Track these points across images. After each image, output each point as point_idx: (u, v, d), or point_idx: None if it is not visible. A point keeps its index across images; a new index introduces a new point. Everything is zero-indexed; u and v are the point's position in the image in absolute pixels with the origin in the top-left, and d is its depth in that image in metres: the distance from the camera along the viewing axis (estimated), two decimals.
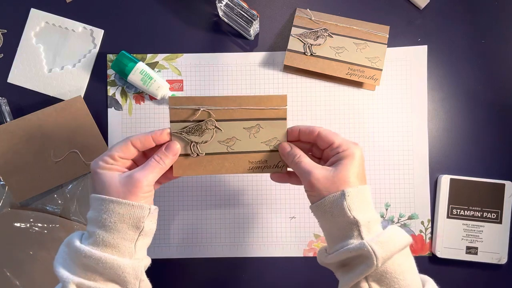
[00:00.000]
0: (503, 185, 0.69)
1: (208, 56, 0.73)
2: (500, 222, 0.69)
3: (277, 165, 0.52)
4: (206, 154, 0.51)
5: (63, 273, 0.43)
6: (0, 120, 0.70)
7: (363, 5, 0.73)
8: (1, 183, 0.70)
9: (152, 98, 0.72)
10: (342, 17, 0.71)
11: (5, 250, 0.69)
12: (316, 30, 0.70)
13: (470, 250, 0.69)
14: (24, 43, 0.72)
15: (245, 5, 0.66)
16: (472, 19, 0.72)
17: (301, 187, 0.50)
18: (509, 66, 0.72)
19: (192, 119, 0.50)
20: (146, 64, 0.72)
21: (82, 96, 0.72)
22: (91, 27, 0.73)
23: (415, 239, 0.71)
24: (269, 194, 0.72)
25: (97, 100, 0.72)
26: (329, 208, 0.45)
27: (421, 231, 0.71)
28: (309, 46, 0.70)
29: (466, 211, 0.69)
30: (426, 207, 0.71)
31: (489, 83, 0.72)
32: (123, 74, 0.70)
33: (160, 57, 0.73)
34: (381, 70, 0.70)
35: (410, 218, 0.71)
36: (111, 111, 0.72)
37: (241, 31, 0.72)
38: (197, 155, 0.51)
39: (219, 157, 0.51)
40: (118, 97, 0.72)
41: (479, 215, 0.69)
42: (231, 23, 0.71)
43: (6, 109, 0.70)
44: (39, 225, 0.69)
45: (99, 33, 0.73)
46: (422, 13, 0.73)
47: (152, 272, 0.48)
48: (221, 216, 0.72)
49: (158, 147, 0.49)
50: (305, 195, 0.49)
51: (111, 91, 0.72)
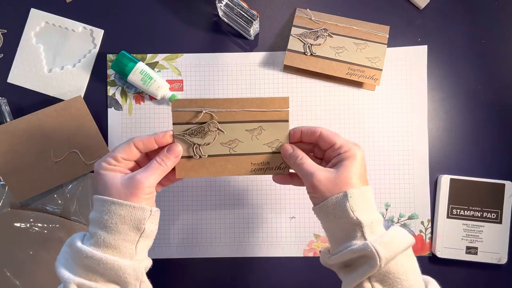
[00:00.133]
0: (503, 185, 0.69)
1: (208, 56, 0.73)
2: (500, 222, 0.69)
3: (279, 167, 0.53)
4: (209, 156, 0.51)
5: (65, 273, 0.43)
6: (0, 120, 0.70)
7: (363, 5, 0.73)
8: (1, 183, 0.69)
9: (152, 98, 0.72)
10: (342, 17, 0.71)
11: (5, 250, 0.69)
12: (316, 30, 0.70)
13: (470, 250, 0.69)
14: (24, 43, 0.72)
15: (245, 5, 0.66)
16: (472, 19, 0.72)
17: (301, 187, 0.50)
18: (509, 66, 0.72)
19: (195, 121, 0.50)
20: (146, 64, 0.72)
21: (82, 96, 0.72)
22: (91, 27, 0.73)
23: (415, 239, 0.71)
24: (269, 194, 0.72)
25: (97, 100, 0.72)
26: (332, 210, 0.45)
27: (421, 231, 0.71)
28: (309, 46, 0.70)
29: (466, 211, 0.69)
30: (426, 207, 0.71)
31: (489, 83, 0.72)
32: (123, 74, 0.69)
33: (160, 57, 0.73)
34: (381, 70, 0.70)
35: (410, 218, 0.71)
36: (111, 111, 0.72)
37: (241, 31, 0.72)
38: (200, 157, 0.51)
39: (221, 159, 0.51)
40: (118, 97, 0.72)
41: (479, 215, 0.69)
42: (231, 23, 0.71)
43: (6, 109, 0.70)
44: (39, 225, 0.69)
45: (99, 33, 0.73)
46: (422, 13, 0.73)
47: (152, 272, 0.48)
48: (221, 216, 0.72)
49: (160, 149, 0.50)
50: (305, 195, 0.49)
51: (111, 91, 0.72)
